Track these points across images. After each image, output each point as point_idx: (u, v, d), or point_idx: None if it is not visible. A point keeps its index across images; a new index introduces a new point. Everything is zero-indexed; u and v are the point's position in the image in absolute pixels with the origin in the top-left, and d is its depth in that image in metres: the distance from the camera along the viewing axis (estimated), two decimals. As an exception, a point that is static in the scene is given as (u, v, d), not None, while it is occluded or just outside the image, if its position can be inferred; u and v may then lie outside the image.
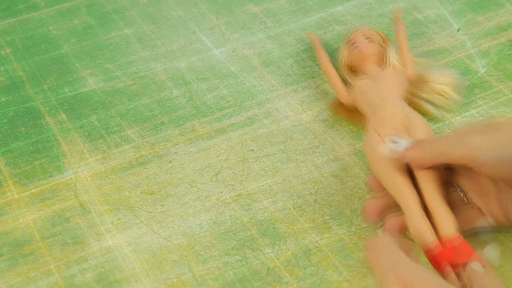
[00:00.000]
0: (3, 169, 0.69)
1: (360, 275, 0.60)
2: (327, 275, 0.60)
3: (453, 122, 0.71)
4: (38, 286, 0.60)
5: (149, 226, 0.64)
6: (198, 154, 0.70)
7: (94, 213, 0.65)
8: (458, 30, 0.81)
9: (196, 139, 0.71)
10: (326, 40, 0.81)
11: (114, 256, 0.62)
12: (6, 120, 0.74)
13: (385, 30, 0.82)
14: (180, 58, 0.80)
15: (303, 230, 0.63)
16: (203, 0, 0.87)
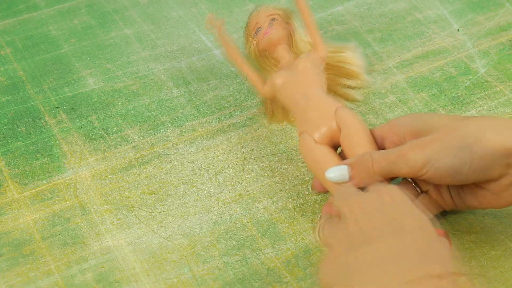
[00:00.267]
0: (3, 169, 0.69)
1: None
2: (327, 275, 0.60)
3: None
4: (38, 286, 0.60)
5: (149, 226, 0.64)
6: (198, 154, 0.70)
7: (94, 213, 0.65)
8: (458, 30, 0.81)
9: (196, 139, 0.71)
10: (326, 40, 0.81)
11: (114, 256, 0.62)
12: (6, 120, 0.74)
13: (385, 29, 0.82)
14: (180, 58, 0.80)
15: (303, 230, 0.63)
16: (203, 0, 0.87)
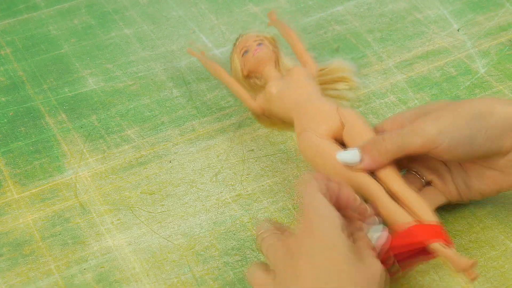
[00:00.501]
0: (3, 169, 0.69)
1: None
2: (327, 275, 0.60)
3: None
4: (38, 286, 0.60)
5: (149, 226, 0.64)
6: (198, 154, 0.70)
7: (94, 213, 0.65)
8: (458, 30, 0.81)
9: (196, 139, 0.71)
10: (326, 40, 0.81)
11: (114, 256, 0.62)
12: (6, 120, 0.74)
13: (385, 29, 0.82)
14: (180, 58, 0.80)
15: (303, 230, 0.63)
16: (203, 0, 0.87)
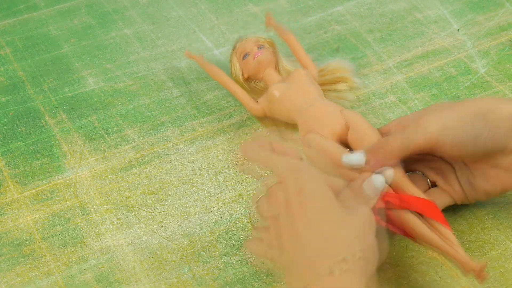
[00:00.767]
0: (3, 169, 0.69)
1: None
2: (327, 275, 0.60)
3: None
4: (38, 286, 0.60)
5: (149, 226, 0.64)
6: (198, 154, 0.70)
7: (94, 213, 0.65)
8: (458, 30, 0.81)
9: (196, 139, 0.71)
10: (326, 40, 0.81)
11: (114, 256, 0.62)
12: (6, 120, 0.74)
13: (385, 29, 0.82)
14: (180, 58, 0.80)
15: (303, 230, 0.63)
16: (203, 0, 0.87)
